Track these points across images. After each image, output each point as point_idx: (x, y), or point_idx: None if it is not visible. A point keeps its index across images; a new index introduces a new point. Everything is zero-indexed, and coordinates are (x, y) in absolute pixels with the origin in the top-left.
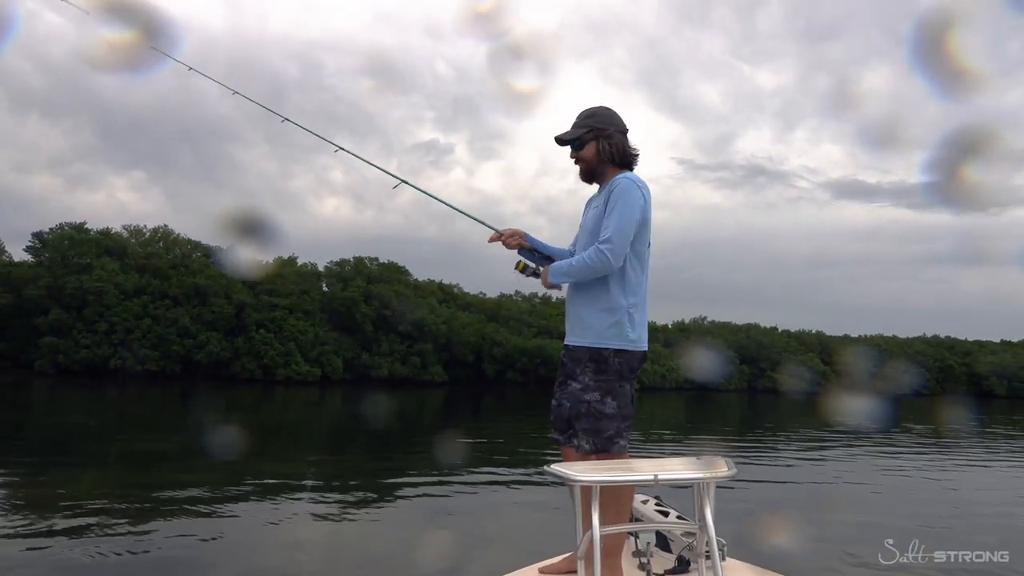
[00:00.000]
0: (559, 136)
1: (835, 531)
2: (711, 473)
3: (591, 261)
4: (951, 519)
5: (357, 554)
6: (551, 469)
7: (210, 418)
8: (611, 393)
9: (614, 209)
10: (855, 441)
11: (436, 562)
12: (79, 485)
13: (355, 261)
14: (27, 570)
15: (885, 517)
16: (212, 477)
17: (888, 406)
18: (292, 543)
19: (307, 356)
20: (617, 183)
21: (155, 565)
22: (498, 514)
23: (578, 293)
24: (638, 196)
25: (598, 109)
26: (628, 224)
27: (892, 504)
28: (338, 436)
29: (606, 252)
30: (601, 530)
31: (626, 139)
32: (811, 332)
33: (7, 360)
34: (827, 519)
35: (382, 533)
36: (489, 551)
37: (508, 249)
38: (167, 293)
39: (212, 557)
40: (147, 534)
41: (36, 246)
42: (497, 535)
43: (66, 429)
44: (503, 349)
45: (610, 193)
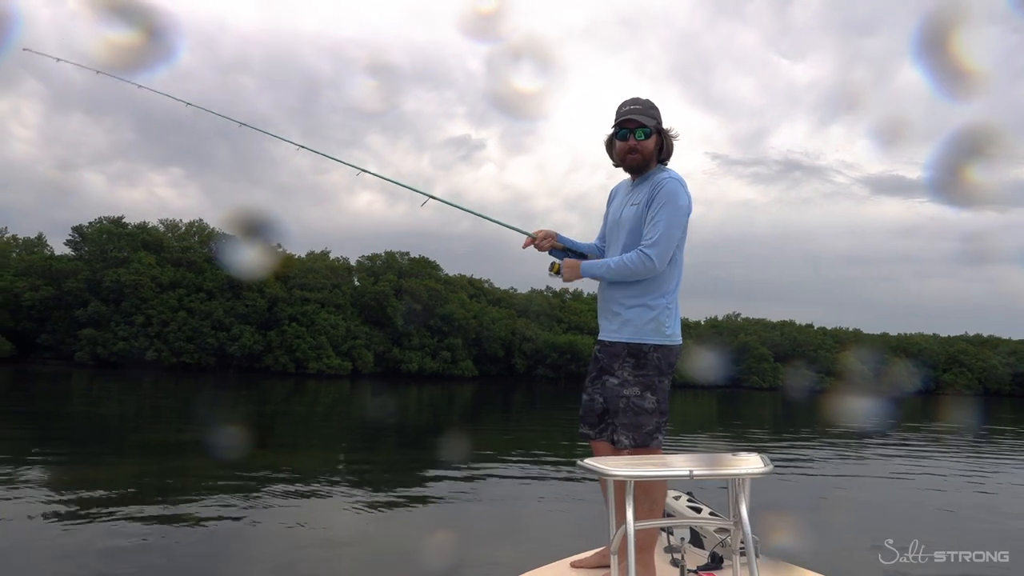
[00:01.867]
0: (637, 118)
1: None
2: (747, 469)
3: (633, 265)
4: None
5: (388, 545)
6: (585, 464)
7: (241, 411)
8: (650, 388)
9: (661, 211)
10: (890, 441)
11: (467, 556)
12: (114, 474)
13: (386, 255)
14: (62, 559)
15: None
16: (244, 469)
17: (925, 405)
18: (323, 537)
19: (338, 350)
20: (664, 183)
21: (189, 552)
22: (529, 509)
23: (614, 288)
24: (686, 200)
25: (647, 102)
26: (675, 228)
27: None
28: (368, 430)
29: (653, 258)
30: (635, 525)
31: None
32: (848, 330)
33: (49, 351)
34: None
35: (413, 526)
36: (520, 546)
37: (541, 251)
38: (202, 286)
39: (243, 549)
40: (177, 523)
41: (76, 240)
42: (528, 530)
43: (103, 419)
44: (533, 344)
45: (654, 191)
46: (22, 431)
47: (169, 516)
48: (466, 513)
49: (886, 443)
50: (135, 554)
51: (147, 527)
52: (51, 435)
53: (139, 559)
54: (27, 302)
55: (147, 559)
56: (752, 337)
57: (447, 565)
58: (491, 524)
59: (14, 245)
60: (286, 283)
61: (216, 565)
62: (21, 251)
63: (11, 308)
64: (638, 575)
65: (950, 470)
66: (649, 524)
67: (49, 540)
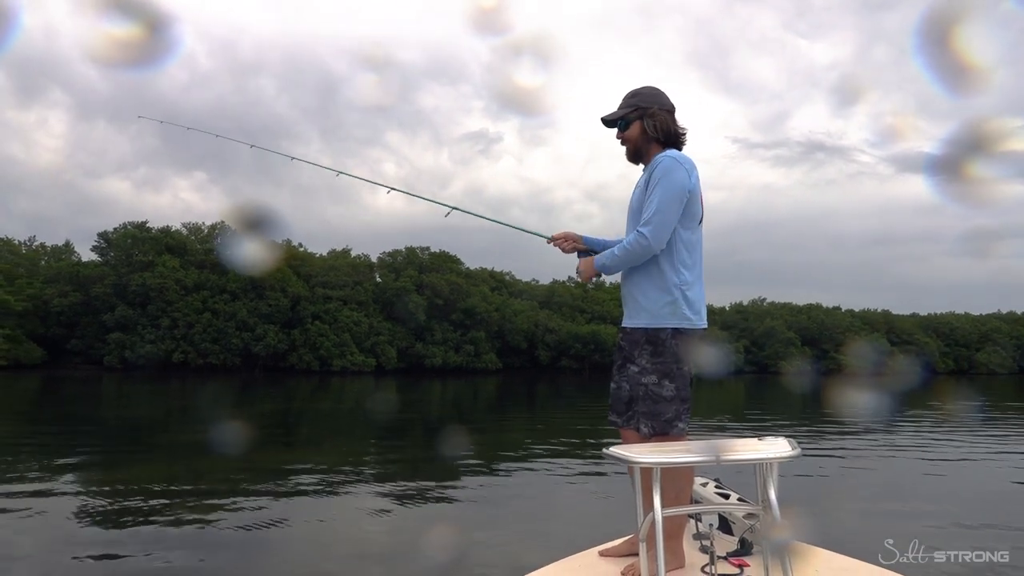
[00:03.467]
0: (604, 117)
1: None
2: (774, 454)
3: (631, 247)
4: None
5: (413, 539)
6: (611, 451)
7: (268, 408)
8: (669, 375)
9: (655, 190)
10: (917, 427)
11: (496, 546)
12: (145, 475)
13: (407, 251)
14: (98, 558)
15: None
16: (271, 467)
17: (956, 386)
18: (351, 534)
19: (362, 346)
20: (659, 162)
21: (220, 551)
22: (556, 498)
23: (631, 275)
24: (680, 173)
25: (642, 88)
26: (669, 204)
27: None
28: (394, 424)
29: (647, 235)
30: (663, 512)
31: (672, 118)
32: (876, 311)
33: (79, 356)
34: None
35: (440, 518)
36: (548, 535)
37: (565, 254)
38: (225, 288)
39: (273, 548)
40: (208, 523)
41: (102, 246)
42: (556, 519)
43: (132, 421)
44: (556, 336)
45: (651, 172)
46: (56, 436)
47: (200, 516)
48: (493, 503)
49: (899, 430)
50: (169, 551)
51: (180, 529)
52: (83, 439)
53: (172, 557)
54: (56, 308)
55: (180, 557)
56: (778, 321)
57: (475, 556)
58: (519, 514)
59: (43, 253)
60: (308, 281)
61: (248, 565)
62: (50, 259)
63: (41, 315)
64: (667, 562)
65: (964, 457)
66: (677, 511)
67: (85, 539)
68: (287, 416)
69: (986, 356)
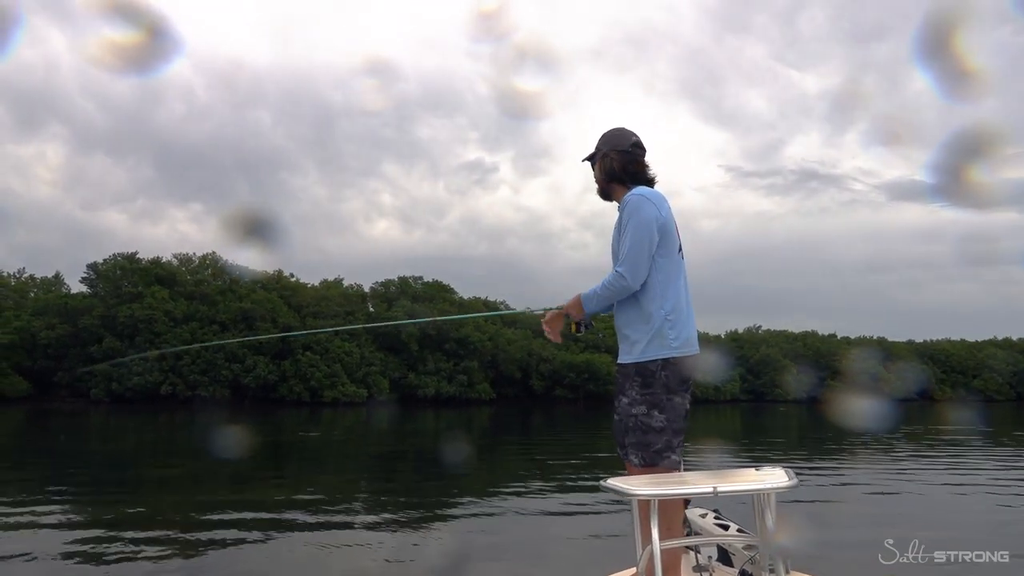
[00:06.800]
0: (583, 159)
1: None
2: (772, 484)
3: (609, 286)
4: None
5: (411, 570)
6: (607, 484)
7: (257, 441)
8: (658, 406)
9: (626, 229)
10: (920, 451)
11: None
12: (133, 510)
13: (399, 281)
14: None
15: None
16: (264, 499)
17: (948, 412)
18: (345, 565)
19: (353, 377)
20: (627, 202)
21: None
22: (555, 532)
23: (618, 310)
24: (648, 208)
25: (609, 131)
26: (640, 241)
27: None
28: (386, 456)
29: (623, 274)
30: (661, 544)
31: (631, 156)
32: (872, 338)
33: (65, 389)
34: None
35: (436, 552)
36: (547, 570)
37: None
38: (215, 319)
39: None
40: (195, 556)
41: (91, 277)
42: (555, 553)
43: (118, 456)
44: (551, 365)
45: (622, 213)
46: (41, 471)
47: (189, 552)
48: (489, 536)
49: (898, 453)
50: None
51: (171, 562)
52: (69, 474)
53: None
54: (43, 340)
55: None
56: (774, 349)
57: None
58: (518, 549)
59: (31, 285)
60: (299, 312)
61: None
62: (39, 290)
63: (28, 347)
64: None
65: (972, 478)
66: (676, 543)
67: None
68: (277, 448)
69: (982, 383)
